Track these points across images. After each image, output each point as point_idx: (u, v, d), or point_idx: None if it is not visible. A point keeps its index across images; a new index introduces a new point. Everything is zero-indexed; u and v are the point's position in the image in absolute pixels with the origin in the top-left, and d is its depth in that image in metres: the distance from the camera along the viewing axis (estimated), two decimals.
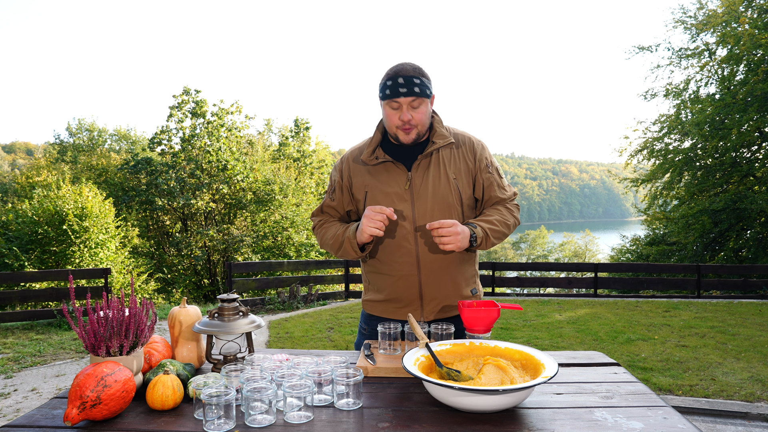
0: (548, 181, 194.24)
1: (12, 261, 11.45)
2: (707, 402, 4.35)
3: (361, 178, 1.84)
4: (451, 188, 1.79)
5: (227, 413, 1.21)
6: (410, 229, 1.78)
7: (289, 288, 9.91)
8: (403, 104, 1.73)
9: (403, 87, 1.70)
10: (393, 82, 1.72)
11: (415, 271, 1.80)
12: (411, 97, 1.71)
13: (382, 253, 1.83)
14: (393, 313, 1.87)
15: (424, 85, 1.74)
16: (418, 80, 1.72)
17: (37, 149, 70.24)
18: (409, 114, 1.73)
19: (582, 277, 12.08)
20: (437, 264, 1.80)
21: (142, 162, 18.18)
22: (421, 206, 1.77)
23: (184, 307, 1.66)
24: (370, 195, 1.81)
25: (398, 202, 1.78)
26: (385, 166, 1.82)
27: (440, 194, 1.78)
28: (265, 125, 27.86)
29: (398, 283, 1.82)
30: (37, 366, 5.67)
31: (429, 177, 1.79)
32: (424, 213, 1.77)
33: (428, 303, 1.84)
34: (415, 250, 1.79)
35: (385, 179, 1.81)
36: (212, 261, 17.82)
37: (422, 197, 1.78)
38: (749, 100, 13.37)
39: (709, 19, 14.15)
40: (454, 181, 1.80)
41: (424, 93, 1.73)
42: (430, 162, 1.80)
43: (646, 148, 16.08)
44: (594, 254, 45.04)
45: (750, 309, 8.57)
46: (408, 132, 1.76)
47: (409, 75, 1.71)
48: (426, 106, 1.76)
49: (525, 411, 1.31)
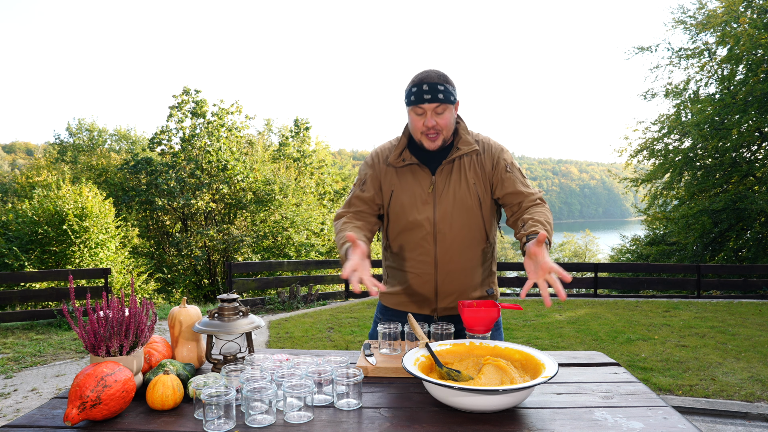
0: (548, 181, 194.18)
1: (12, 261, 11.45)
2: (707, 402, 4.35)
3: (389, 179, 1.89)
4: (470, 193, 1.84)
5: (227, 413, 1.21)
6: (430, 230, 1.83)
7: (289, 288, 9.91)
8: (428, 110, 1.77)
9: (428, 93, 1.75)
10: (418, 89, 1.77)
11: (432, 270, 1.85)
12: (435, 103, 1.75)
13: (402, 250, 1.89)
14: (408, 305, 1.93)
15: (449, 91, 1.78)
16: (442, 87, 1.76)
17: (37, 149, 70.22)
18: (434, 120, 1.77)
19: (582, 277, 12.08)
20: (454, 266, 1.85)
21: (142, 162, 18.17)
22: (442, 209, 1.83)
23: (184, 307, 1.66)
24: (395, 195, 1.87)
25: (421, 204, 1.83)
26: (411, 168, 1.87)
27: (460, 198, 1.83)
28: (265, 125, 27.85)
29: (415, 279, 1.88)
30: (37, 366, 5.67)
31: (451, 182, 1.84)
32: (444, 216, 1.82)
33: (443, 300, 1.88)
34: (433, 250, 1.84)
35: (410, 181, 1.86)
36: (212, 261, 17.81)
37: (444, 201, 1.83)
38: (749, 100, 13.36)
39: (709, 19, 14.15)
40: (474, 186, 1.84)
41: (448, 99, 1.77)
42: (453, 167, 1.85)
43: (646, 148, 16.07)
44: (594, 254, 45.01)
45: (750, 309, 8.57)
46: (434, 139, 1.80)
47: (433, 82, 1.76)
48: (450, 112, 1.80)
49: (525, 411, 1.31)
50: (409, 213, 1.84)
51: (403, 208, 1.85)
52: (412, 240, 1.85)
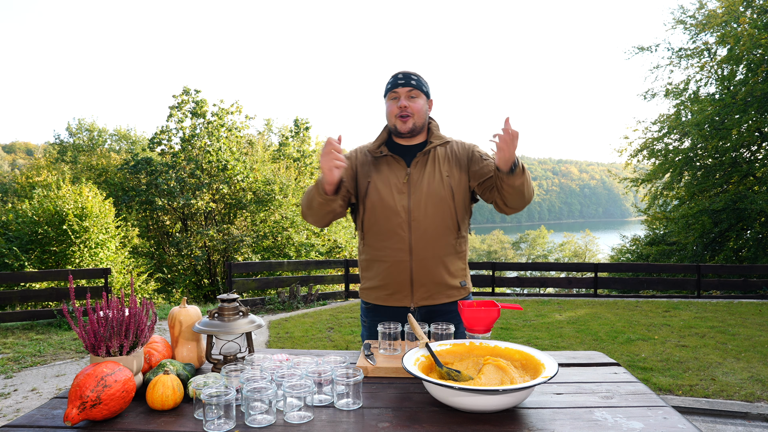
0: (548, 181, 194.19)
1: (12, 261, 11.44)
2: (707, 402, 4.35)
3: (367, 169, 2.02)
4: (444, 185, 1.96)
5: (227, 413, 1.21)
6: (405, 219, 1.94)
7: (289, 288, 9.91)
8: (401, 94, 1.96)
9: (402, 80, 1.96)
10: (394, 78, 1.98)
11: (407, 258, 1.94)
12: (408, 87, 1.95)
13: (376, 239, 1.99)
14: (386, 299, 2.00)
15: (421, 82, 1.99)
16: (415, 77, 1.98)
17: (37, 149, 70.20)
18: (406, 102, 1.95)
19: (582, 277, 12.07)
20: (428, 253, 1.94)
21: (142, 162, 18.17)
22: (416, 199, 1.94)
23: (184, 307, 1.66)
24: (372, 185, 1.99)
25: (396, 193, 1.95)
26: (387, 159, 2.01)
27: (433, 189, 1.94)
28: (265, 125, 27.85)
29: (391, 268, 1.96)
30: (37, 366, 5.67)
31: (425, 173, 1.96)
32: (418, 205, 1.93)
33: (418, 289, 1.96)
34: (408, 238, 1.93)
35: (386, 172, 1.99)
36: (212, 261, 17.81)
37: (418, 191, 1.94)
38: (749, 100, 13.36)
39: (709, 19, 14.15)
40: (447, 178, 1.97)
41: (420, 87, 1.97)
42: (427, 160, 1.99)
43: (646, 148, 16.07)
44: (594, 254, 45.02)
45: (750, 309, 8.57)
46: (405, 121, 1.96)
47: (408, 72, 1.98)
48: (423, 100, 1.99)
49: (525, 411, 1.31)
50: (385, 201, 1.95)
51: (380, 197, 1.95)
52: (387, 228, 1.95)
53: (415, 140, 2.04)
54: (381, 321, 1.95)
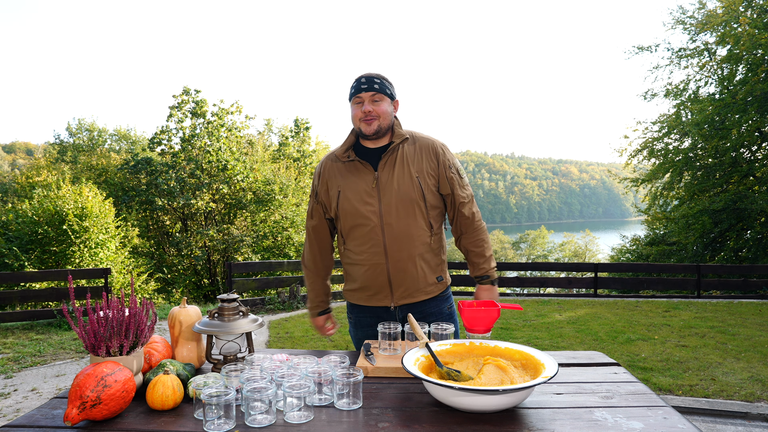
0: (548, 181, 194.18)
1: (12, 261, 11.44)
2: (707, 402, 4.35)
3: (335, 180, 2.04)
4: (413, 186, 1.96)
5: (227, 413, 1.21)
6: (377, 223, 1.96)
7: (289, 288, 9.90)
8: (365, 98, 1.96)
9: (365, 84, 1.96)
10: (357, 83, 1.98)
11: (383, 260, 1.97)
12: (371, 92, 1.95)
13: (354, 244, 2.03)
14: (367, 300, 2.05)
15: (384, 85, 1.98)
16: (378, 80, 1.97)
17: (37, 149, 70.20)
18: (370, 106, 1.95)
19: (582, 277, 12.07)
20: (403, 254, 1.97)
21: (142, 162, 18.16)
22: (387, 202, 1.95)
23: (184, 307, 1.66)
24: (343, 194, 2.01)
25: (367, 198, 1.97)
26: (354, 165, 2.02)
27: (404, 191, 1.96)
28: (265, 125, 27.86)
29: (369, 272, 2.00)
30: (37, 366, 5.67)
31: (394, 175, 1.97)
32: (389, 208, 1.95)
33: (397, 289, 2.00)
34: (382, 241, 1.96)
35: (354, 179, 2.00)
36: (212, 261, 17.81)
37: (387, 194, 1.96)
38: (749, 100, 13.36)
39: (709, 19, 14.14)
40: (417, 178, 1.97)
41: (383, 91, 1.97)
42: (395, 161, 1.99)
43: (646, 148, 16.06)
44: (594, 254, 45.00)
45: (750, 309, 8.57)
46: (369, 123, 1.96)
47: (371, 76, 1.98)
48: (387, 103, 1.98)
49: (525, 411, 1.31)
50: (356, 209, 1.97)
51: (351, 204, 1.98)
52: (362, 234, 1.98)
53: (382, 142, 2.04)
54: (365, 317, 2.08)
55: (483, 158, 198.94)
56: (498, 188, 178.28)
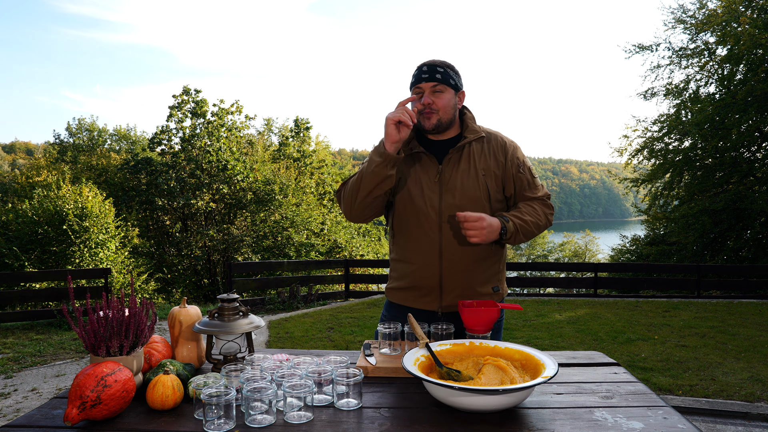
0: (548, 181, 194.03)
1: (12, 261, 11.44)
2: (707, 402, 4.35)
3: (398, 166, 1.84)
4: (479, 184, 1.82)
5: (227, 413, 1.21)
6: (435, 220, 1.81)
7: (289, 288, 9.90)
8: (425, 89, 1.80)
9: (426, 74, 1.80)
10: (418, 71, 1.83)
11: (436, 262, 1.82)
12: (432, 82, 1.79)
13: (407, 240, 1.88)
14: (413, 301, 1.90)
15: (448, 74, 1.81)
16: (441, 69, 1.80)
17: (37, 149, 70.20)
18: (430, 99, 1.79)
19: (582, 277, 12.07)
20: (459, 256, 1.82)
21: (142, 162, 18.17)
22: (449, 199, 1.81)
23: (184, 307, 1.66)
24: (402, 182, 1.86)
25: (428, 193, 1.82)
26: (418, 156, 1.87)
27: (468, 189, 1.81)
28: (265, 125, 27.90)
29: (419, 271, 1.86)
30: (37, 366, 5.67)
31: (459, 171, 1.83)
32: (451, 206, 1.80)
33: (448, 294, 1.85)
34: (438, 240, 1.81)
35: (417, 170, 1.85)
36: (212, 261, 17.81)
37: (450, 190, 1.81)
38: (749, 100, 13.35)
39: (709, 18, 14.13)
40: (483, 177, 1.83)
41: (446, 81, 1.80)
42: (461, 156, 1.85)
43: (646, 148, 16.06)
44: (594, 254, 44.98)
45: (750, 309, 8.57)
46: (428, 116, 1.81)
47: (434, 64, 1.81)
48: (449, 95, 1.82)
49: (525, 411, 1.31)
50: (415, 201, 1.82)
51: (410, 196, 1.83)
52: (417, 229, 1.84)
53: (447, 135, 1.89)
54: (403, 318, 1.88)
55: None
56: None
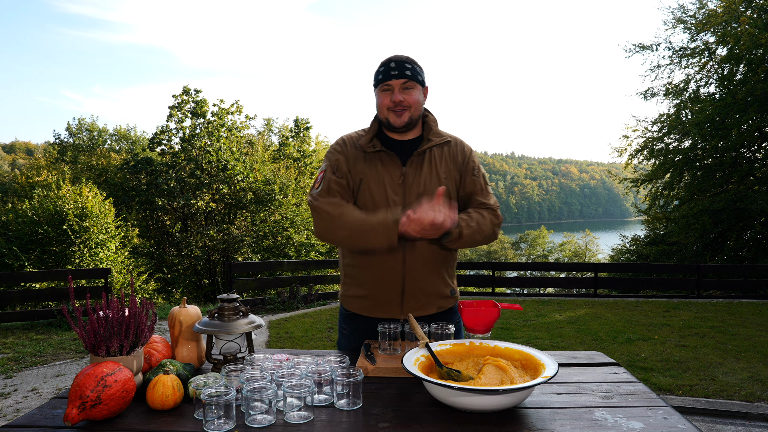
0: (548, 181, 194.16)
1: (12, 261, 11.44)
2: (707, 402, 4.35)
3: (358, 166, 1.80)
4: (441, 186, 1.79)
5: (227, 413, 1.21)
6: None
7: (289, 288, 9.91)
8: (395, 86, 1.76)
9: (395, 70, 1.76)
10: (385, 68, 1.78)
11: (399, 266, 1.78)
12: (402, 79, 1.75)
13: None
14: (372, 310, 1.84)
15: (416, 71, 1.78)
16: (410, 65, 1.77)
17: (37, 149, 70.24)
18: (401, 96, 1.76)
19: (582, 277, 12.08)
20: (422, 259, 1.79)
21: (142, 162, 18.18)
22: (411, 202, 1.75)
23: (184, 307, 1.66)
24: (365, 184, 1.79)
25: (391, 194, 1.77)
26: (380, 156, 1.81)
27: (430, 192, 1.76)
28: (265, 125, 27.91)
29: (382, 278, 1.79)
30: (37, 366, 5.67)
31: (422, 174, 1.79)
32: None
33: (408, 300, 1.81)
34: (402, 245, 1.75)
35: (380, 170, 1.79)
36: (212, 261, 17.81)
37: (413, 194, 1.77)
38: (749, 100, 13.36)
39: (709, 18, 14.14)
40: (445, 180, 1.80)
41: (415, 78, 1.77)
42: (424, 159, 1.81)
43: (646, 148, 16.07)
44: (594, 254, 45.00)
45: (750, 309, 8.57)
46: (400, 114, 1.77)
47: (401, 60, 1.78)
48: (418, 91, 1.79)
49: (525, 411, 1.31)
50: (377, 203, 1.75)
51: (372, 198, 1.76)
52: None
53: (410, 135, 1.85)
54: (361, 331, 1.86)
55: (483, 158, 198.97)
56: (498, 188, 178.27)
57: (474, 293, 11.73)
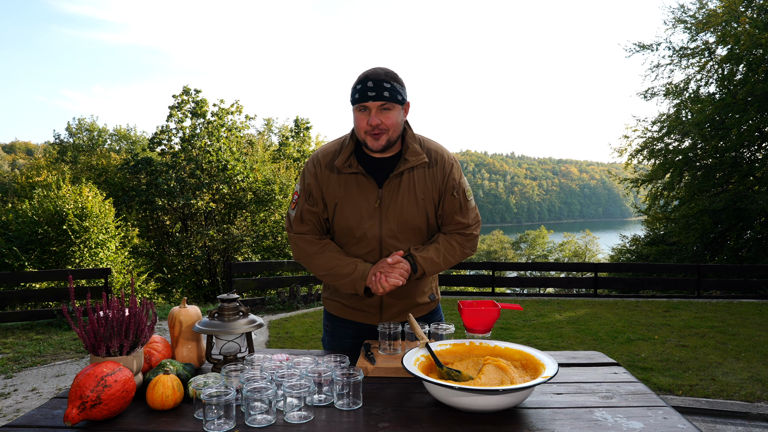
0: (548, 181, 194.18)
1: (12, 261, 11.44)
2: (707, 402, 4.35)
3: (332, 189, 1.77)
4: (418, 210, 1.76)
5: (227, 413, 1.21)
6: (376, 246, 1.77)
7: (289, 288, 9.91)
8: (372, 108, 1.66)
9: (372, 91, 1.64)
10: (362, 86, 1.66)
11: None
12: (380, 101, 1.65)
13: None
14: (353, 316, 1.89)
15: (395, 90, 1.67)
16: (388, 84, 1.66)
17: (37, 149, 70.26)
18: (378, 119, 1.66)
19: (582, 277, 12.09)
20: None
21: (142, 162, 18.18)
22: (388, 226, 1.75)
23: (184, 307, 1.66)
24: (339, 208, 1.76)
25: (367, 218, 1.75)
26: (356, 178, 1.76)
27: (407, 216, 1.75)
28: (265, 125, 27.92)
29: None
30: (37, 366, 5.67)
31: (399, 197, 1.75)
32: (390, 233, 1.76)
33: (387, 310, 1.87)
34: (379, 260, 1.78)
35: (355, 193, 1.75)
36: (212, 261, 17.82)
37: (390, 217, 1.75)
38: (749, 100, 13.36)
39: (709, 18, 14.14)
40: (422, 201, 1.77)
41: (394, 98, 1.67)
42: (401, 181, 1.76)
43: (646, 148, 16.08)
44: (594, 254, 45.00)
45: (750, 309, 8.57)
46: (377, 137, 1.68)
47: (379, 79, 1.66)
48: (397, 112, 1.70)
49: (525, 411, 1.31)
50: (354, 228, 1.75)
51: (348, 222, 1.76)
52: (356, 253, 1.79)
53: (388, 152, 1.78)
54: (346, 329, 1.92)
55: (483, 158, 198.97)
56: (498, 188, 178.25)
57: (474, 293, 11.74)
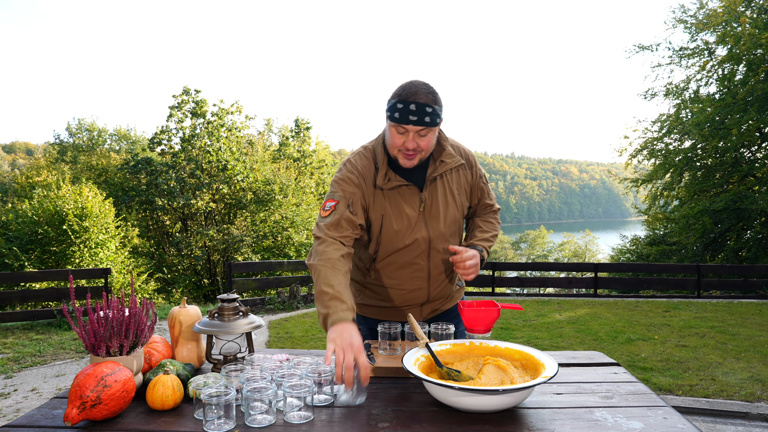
0: (548, 181, 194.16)
1: (12, 261, 11.44)
2: (707, 402, 4.35)
3: (378, 203, 1.78)
4: (457, 206, 1.86)
5: (227, 413, 1.21)
6: (425, 249, 1.82)
7: (289, 288, 9.91)
8: (411, 131, 1.65)
9: (414, 115, 1.62)
10: (404, 107, 1.63)
11: (425, 285, 1.87)
12: (420, 126, 1.64)
13: (392, 269, 1.84)
14: (393, 315, 1.94)
15: (436, 113, 1.65)
16: (430, 108, 1.63)
17: (37, 149, 70.26)
18: (415, 142, 1.67)
19: (582, 277, 12.08)
20: (443, 275, 1.90)
21: (142, 162, 18.18)
22: (435, 227, 1.81)
23: (184, 307, 1.66)
24: (387, 219, 1.77)
25: (414, 224, 1.79)
26: (399, 190, 1.78)
27: (451, 214, 1.84)
28: (265, 125, 27.90)
29: (407, 295, 1.89)
30: (37, 366, 5.67)
31: (438, 197, 1.82)
32: (438, 234, 1.81)
33: (428, 306, 1.94)
34: (427, 266, 1.85)
35: (400, 204, 1.78)
36: (212, 261, 17.82)
37: (435, 218, 1.81)
38: (749, 100, 13.36)
39: (709, 18, 14.14)
40: (458, 197, 1.86)
41: (434, 122, 1.65)
42: (437, 182, 1.82)
43: (646, 148, 16.07)
44: (594, 254, 45.02)
45: (750, 309, 8.57)
46: (410, 158, 1.70)
47: (421, 102, 1.62)
48: (434, 134, 1.70)
49: (525, 411, 1.31)
50: (404, 237, 1.78)
51: (397, 234, 1.78)
52: (405, 259, 1.82)
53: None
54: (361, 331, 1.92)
55: (483, 158, 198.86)
56: (498, 188, 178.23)
57: (474, 293, 11.73)
